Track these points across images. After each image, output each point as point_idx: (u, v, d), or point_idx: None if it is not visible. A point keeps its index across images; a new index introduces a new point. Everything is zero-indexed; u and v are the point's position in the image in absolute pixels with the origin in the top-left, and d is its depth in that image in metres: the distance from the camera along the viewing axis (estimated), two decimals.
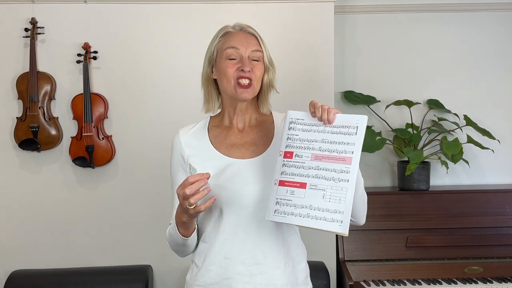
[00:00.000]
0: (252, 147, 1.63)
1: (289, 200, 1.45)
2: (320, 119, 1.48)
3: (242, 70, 1.56)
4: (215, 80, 1.66)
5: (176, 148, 1.67)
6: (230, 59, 1.59)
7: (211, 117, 1.73)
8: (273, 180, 1.50)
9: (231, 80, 1.58)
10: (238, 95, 1.58)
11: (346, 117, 1.48)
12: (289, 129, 1.52)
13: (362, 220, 1.62)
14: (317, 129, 1.49)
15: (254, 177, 1.57)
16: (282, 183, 1.48)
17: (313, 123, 1.50)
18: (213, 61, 1.64)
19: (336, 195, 1.42)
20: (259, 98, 1.67)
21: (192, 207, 1.43)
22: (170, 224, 1.68)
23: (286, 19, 2.83)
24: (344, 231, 1.39)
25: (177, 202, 1.56)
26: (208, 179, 1.44)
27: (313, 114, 1.50)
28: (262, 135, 1.65)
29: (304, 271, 1.67)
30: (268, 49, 1.64)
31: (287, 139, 1.51)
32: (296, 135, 1.51)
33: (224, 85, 1.61)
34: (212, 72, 1.65)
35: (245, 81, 1.57)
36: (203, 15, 2.79)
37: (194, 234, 1.61)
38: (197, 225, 1.63)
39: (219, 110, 1.71)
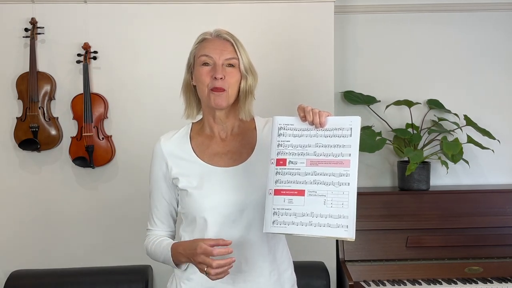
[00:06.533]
0: (235, 155, 1.61)
1: (287, 209, 1.40)
2: (312, 123, 1.43)
3: (215, 78, 1.53)
4: (195, 86, 1.63)
5: (158, 156, 1.65)
6: (204, 65, 1.57)
7: (193, 123, 1.71)
8: (267, 190, 1.44)
9: (205, 89, 1.56)
10: (211, 102, 1.56)
11: (338, 120, 1.43)
12: (279, 135, 1.46)
13: None
14: (309, 133, 1.44)
15: (237, 185, 1.55)
16: (277, 192, 1.42)
17: (303, 128, 1.45)
18: (191, 67, 1.63)
19: (338, 199, 1.37)
20: (237, 105, 1.63)
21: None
22: (147, 230, 1.72)
23: (286, 19, 2.81)
24: (351, 236, 1.34)
25: (156, 210, 1.63)
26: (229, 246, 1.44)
27: (303, 118, 1.45)
28: (245, 143, 1.63)
29: (290, 280, 1.67)
30: (247, 56, 1.61)
31: (278, 146, 1.46)
32: (287, 141, 1.45)
33: (199, 92, 1.60)
34: (192, 78, 1.63)
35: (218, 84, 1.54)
36: (203, 15, 2.78)
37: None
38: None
39: (199, 117, 1.69)
